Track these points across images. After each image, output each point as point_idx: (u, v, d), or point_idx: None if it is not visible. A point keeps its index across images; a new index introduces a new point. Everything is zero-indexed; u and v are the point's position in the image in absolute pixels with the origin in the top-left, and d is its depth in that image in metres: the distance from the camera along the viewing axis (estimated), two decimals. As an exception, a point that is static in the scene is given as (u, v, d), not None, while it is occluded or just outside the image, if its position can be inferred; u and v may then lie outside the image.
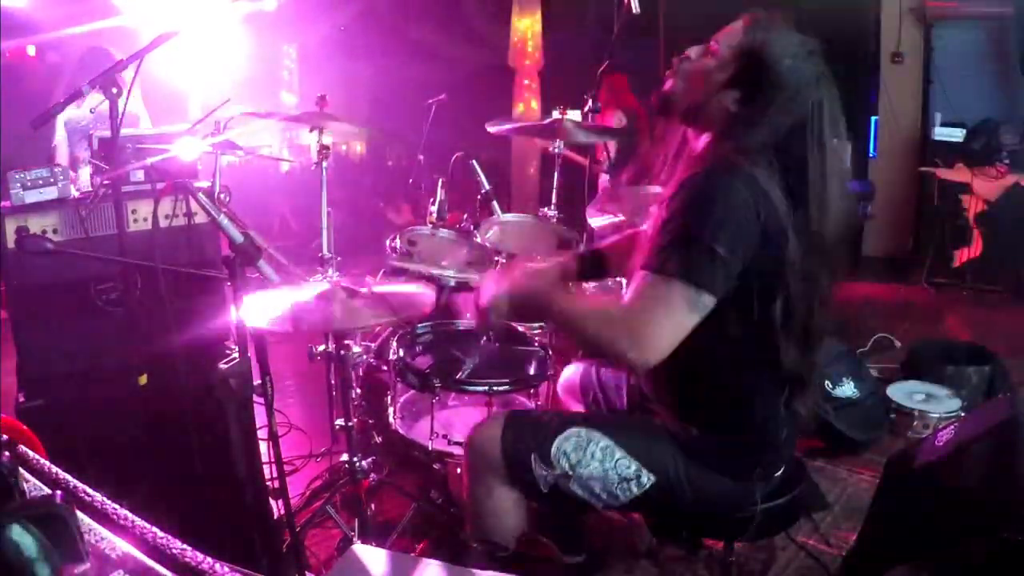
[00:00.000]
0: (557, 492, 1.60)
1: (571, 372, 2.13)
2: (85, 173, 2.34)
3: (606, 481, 1.58)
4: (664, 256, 1.42)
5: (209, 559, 0.91)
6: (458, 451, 2.14)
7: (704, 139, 1.58)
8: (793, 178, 1.47)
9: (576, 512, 1.80)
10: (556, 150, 3.01)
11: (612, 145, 4.15)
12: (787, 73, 1.46)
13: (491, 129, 2.97)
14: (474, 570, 1.22)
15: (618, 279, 2.99)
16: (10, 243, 1.82)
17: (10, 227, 1.84)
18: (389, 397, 2.33)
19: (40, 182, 1.91)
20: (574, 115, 2.97)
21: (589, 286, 2.72)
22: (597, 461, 1.58)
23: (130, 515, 1.02)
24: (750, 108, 1.49)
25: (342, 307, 1.77)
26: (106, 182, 1.88)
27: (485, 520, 1.69)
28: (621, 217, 2.83)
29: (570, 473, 1.58)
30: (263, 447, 2.13)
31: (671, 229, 1.43)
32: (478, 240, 2.69)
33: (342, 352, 2.13)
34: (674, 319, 1.39)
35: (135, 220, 1.99)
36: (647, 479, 1.58)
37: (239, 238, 1.49)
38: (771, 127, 1.47)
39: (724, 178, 1.44)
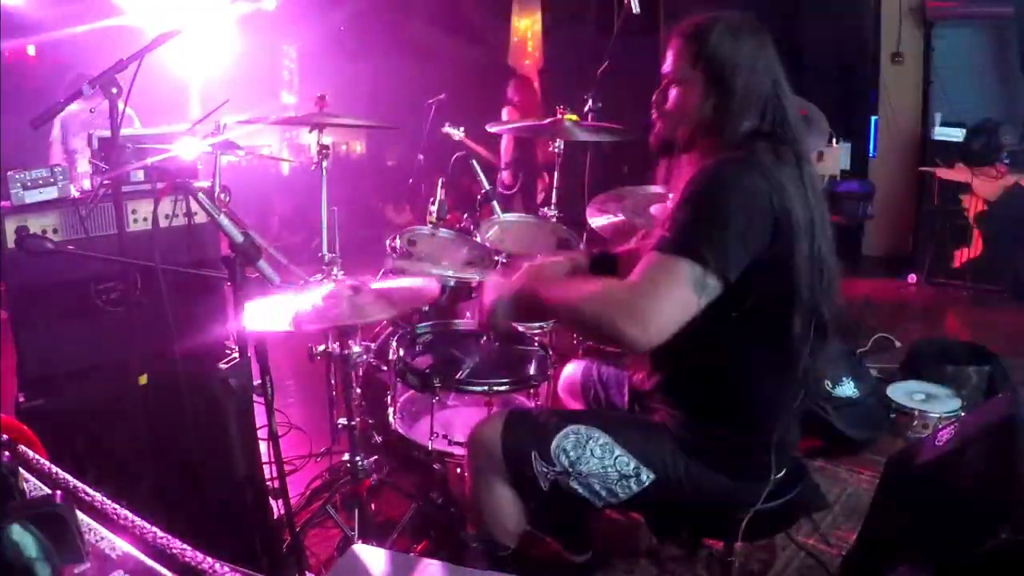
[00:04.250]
0: (557, 490, 1.60)
1: (572, 370, 2.13)
2: (83, 163, 2.33)
3: (605, 478, 1.58)
4: (671, 237, 1.42)
5: (209, 559, 0.92)
6: (458, 451, 2.14)
7: (699, 148, 1.60)
8: (790, 150, 1.51)
9: (577, 511, 1.80)
10: (556, 150, 3.01)
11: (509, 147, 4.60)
12: (741, 56, 1.52)
13: (491, 129, 2.97)
14: (474, 570, 1.22)
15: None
16: (10, 243, 1.81)
17: (10, 227, 1.83)
18: (389, 397, 2.33)
19: (40, 182, 1.90)
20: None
21: None
22: (596, 458, 1.58)
23: (130, 515, 1.02)
24: (727, 104, 1.53)
25: (349, 304, 1.77)
26: (106, 182, 1.87)
27: (486, 517, 1.69)
28: (621, 217, 2.82)
29: (570, 470, 1.58)
30: (263, 447, 2.14)
31: (682, 214, 1.44)
32: (478, 240, 2.68)
33: (344, 351, 2.13)
34: (676, 295, 1.38)
35: (135, 220, 1.99)
36: (646, 476, 1.58)
37: (239, 238, 1.49)
38: (750, 108, 1.52)
39: (738, 167, 1.46)
